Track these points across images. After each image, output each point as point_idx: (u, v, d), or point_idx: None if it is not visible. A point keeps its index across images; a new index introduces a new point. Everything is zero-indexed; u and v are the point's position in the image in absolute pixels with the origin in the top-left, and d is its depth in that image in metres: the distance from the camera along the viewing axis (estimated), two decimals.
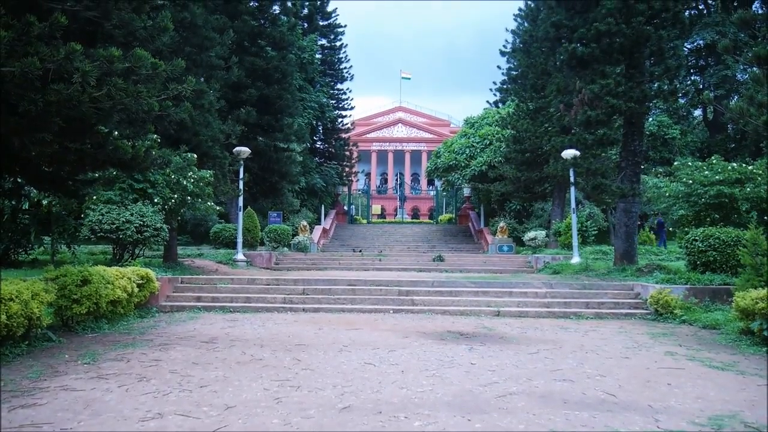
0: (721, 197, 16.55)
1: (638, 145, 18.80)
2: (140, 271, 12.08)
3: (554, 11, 19.63)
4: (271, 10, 28.47)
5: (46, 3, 8.10)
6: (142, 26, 8.93)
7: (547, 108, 26.65)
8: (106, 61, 7.86)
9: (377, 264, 23.62)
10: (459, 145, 36.08)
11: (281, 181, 28.95)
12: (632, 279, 15.74)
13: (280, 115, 27.91)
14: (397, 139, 77.28)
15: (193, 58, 17.48)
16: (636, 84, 17.59)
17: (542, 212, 30.91)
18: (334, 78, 45.79)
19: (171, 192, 16.61)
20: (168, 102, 9.49)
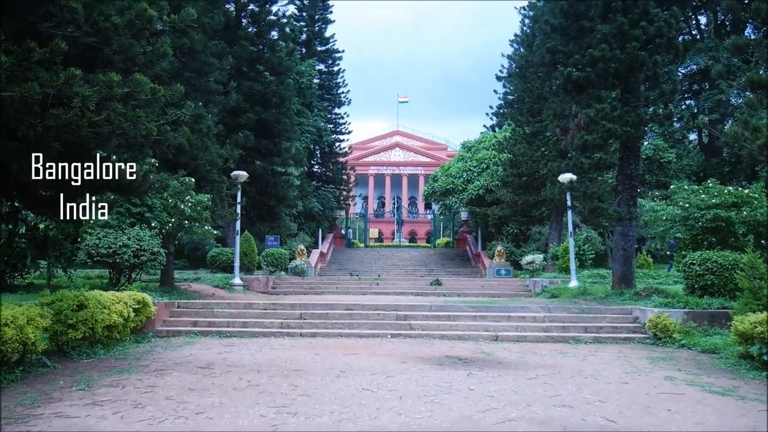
0: (718, 221, 16.57)
1: (634, 169, 18.88)
2: (137, 296, 12.02)
3: (550, 37, 19.86)
4: (270, 36, 28.74)
5: (47, 29, 8.17)
6: (142, 52, 9.00)
7: (544, 132, 26.81)
8: (106, 86, 7.91)
9: (375, 288, 23.54)
10: (456, 169, 36.20)
11: (279, 204, 28.97)
12: (630, 303, 15.70)
13: (278, 139, 28.03)
14: (395, 162, 77.53)
15: (192, 83, 17.60)
16: (631, 108, 17.71)
17: (539, 236, 30.92)
18: (331, 102, 46.10)
19: (168, 216, 16.59)
20: (166, 126, 9.53)
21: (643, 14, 17.31)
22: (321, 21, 45.53)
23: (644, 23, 17.18)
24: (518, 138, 29.51)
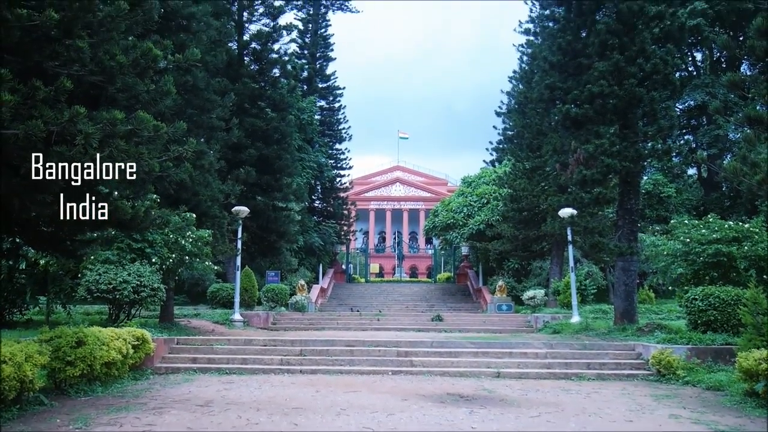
0: (720, 256, 16.53)
1: (634, 204, 18.94)
2: (136, 332, 11.94)
3: (548, 74, 20.10)
4: (272, 74, 29.10)
5: (53, 68, 8.30)
6: (146, 90, 9.13)
7: (543, 167, 26.94)
8: (109, 124, 8.00)
9: (375, 324, 23.39)
10: (457, 204, 36.29)
11: (279, 240, 28.97)
12: (633, 339, 15.58)
13: (279, 175, 28.17)
14: (395, 198, 77.74)
15: (195, 119, 17.78)
16: (630, 144, 17.86)
17: (540, 271, 30.83)
18: (332, 138, 46.47)
19: (169, 252, 16.59)
20: (169, 163, 9.62)
21: (639, 52, 17.58)
22: (322, 59, 46.22)
23: (641, 60, 17.44)
24: (518, 173, 29.66)
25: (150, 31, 10.55)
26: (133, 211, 9.76)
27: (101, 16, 8.28)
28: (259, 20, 28.73)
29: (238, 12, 28.03)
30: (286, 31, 29.34)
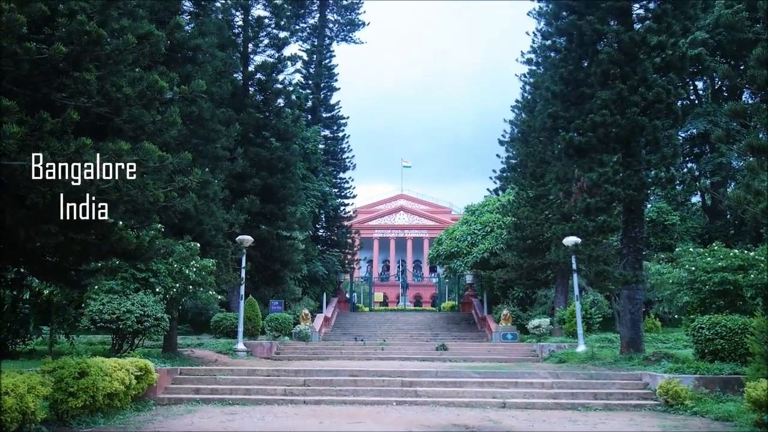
0: (726, 284, 16.44)
1: (639, 232, 18.91)
2: (139, 363, 11.88)
3: (550, 103, 20.24)
4: (276, 104, 29.36)
5: (60, 99, 8.42)
6: (152, 121, 9.22)
7: (547, 195, 26.97)
8: (115, 155, 8.07)
9: (380, 353, 23.22)
10: (460, 232, 36.26)
11: (283, 269, 28.92)
12: (640, 368, 15.43)
13: (283, 204, 28.24)
14: (399, 226, 77.77)
15: (200, 149, 17.90)
16: (633, 172, 17.89)
17: (545, 299, 30.65)
18: (336, 167, 46.67)
19: (173, 281, 16.57)
20: (173, 193, 9.67)
21: (641, 81, 17.72)
22: (326, 88, 46.66)
23: (643, 89, 17.56)
24: (522, 201, 29.68)
25: (156, 63, 10.71)
26: (137, 241, 9.79)
27: (109, 49, 8.41)
28: (264, 51, 29.10)
29: (243, 43, 28.40)
30: (291, 62, 29.69)
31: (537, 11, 23.86)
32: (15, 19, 7.33)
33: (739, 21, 14.95)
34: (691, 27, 19.87)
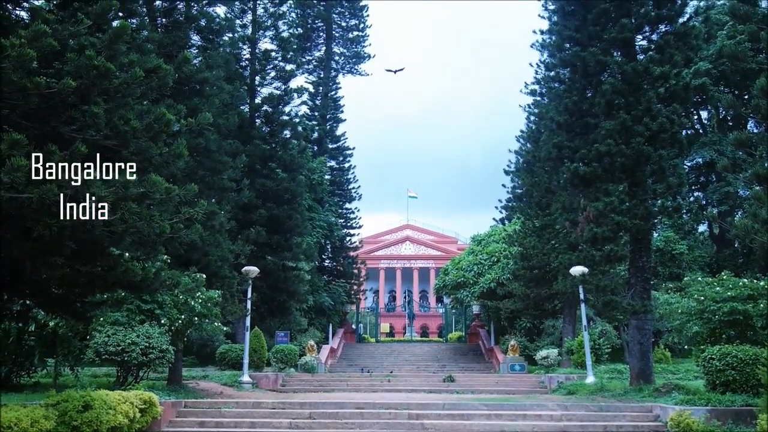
0: (735, 314, 16.24)
1: (646, 261, 18.79)
2: (143, 395, 11.79)
3: (555, 133, 20.32)
4: (283, 135, 29.58)
5: (68, 132, 8.51)
6: (159, 153, 9.30)
7: (553, 225, 26.91)
8: (122, 187, 8.13)
9: (386, 385, 22.97)
10: (467, 262, 36.13)
11: (289, 300, 28.83)
12: (650, 400, 15.20)
13: (289, 235, 28.27)
14: (405, 256, 77.59)
15: (206, 180, 18.01)
16: (639, 201, 17.86)
17: (553, 330, 30.38)
18: (342, 198, 46.80)
19: (178, 313, 16.51)
20: (179, 224, 9.70)
21: (645, 111, 17.79)
22: (332, 120, 47.02)
23: (647, 119, 17.61)
24: (528, 231, 29.62)
25: (164, 96, 10.85)
26: (143, 273, 9.81)
27: (117, 83, 8.53)
28: (271, 83, 29.44)
29: (250, 76, 28.75)
30: (297, 94, 30.02)
31: (540, 43, 24.10)
32: (25, 54, 7.45)
33: (741, 51, 15.03)
34: (693, 57, 20.02)
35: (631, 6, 18.90)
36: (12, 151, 7.41)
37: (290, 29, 35.02)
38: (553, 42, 21.18)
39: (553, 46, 21.29)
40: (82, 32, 8.56)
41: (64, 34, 8.35)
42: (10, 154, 7.38)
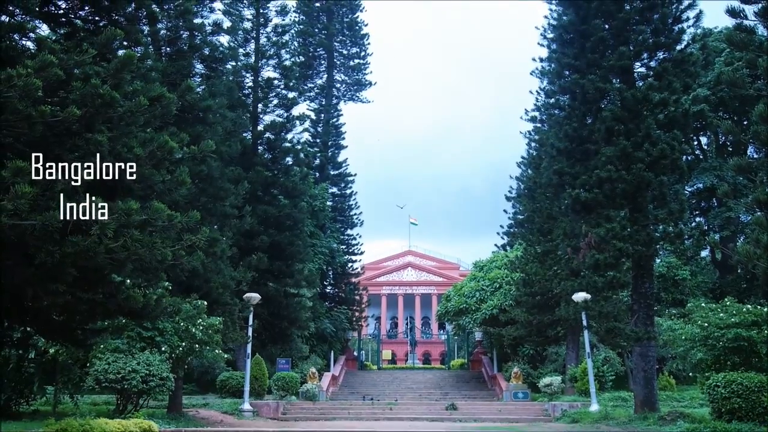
0: (740, 341, 16.15)
1: (649, 287, 18.74)
2: (143, 424, 11.70)
3: (556, 159, 20.40)
4: (285, 162, 29.74)
5: (72, 160, 8.56)
6: (161, 180, 9.35)
7: (555, 251, 26.86)
8: (124, 214, 8.16)
9: (388, 413, 22.75)
10: (469, 288, 36.00)
11: (291, 327, 28.69)
12: (655, 428, 15.05)
13: (291, 261, 28.24)
14: (407, 282, 77.37)
15: (208, 207, 18.05)
16: (641, 227, 17.87)
17: (556, 356, 30.14)
18: (344, 224, 46.84)
19: (179, 340, 16.45)
20: (181, 251, 9.70)
21: (645, 137, 17.89)
22: (334, 146, 47.28)
23: (647, 146, 17.71)
24: (530, 257, 29.56)
25: (167, 124, 10.93)
26: (144, 300, 9.79)
27: (121, 111, 8.62)
28: (273, 111, 29.70)
29: (253, 104, 29.00)
30: (299, 121, 30.23)
31: (540, 71, 24.37)
32: (31, 84, 7.54)
33: (740, 78, 15.16)
34: (692, 84, 20.17)
35: (629, 34, 19.13)
36: (16, 179, 7.45)
37: (292, 57, 35.28)
38: (553, 69, 21.41)
39: (552, 73, 21.52)
40: (88, 61, 8.68)
41: (70, 64, 8.45)
42: (14, 182, 7.43)
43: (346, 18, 50.08)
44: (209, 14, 20.84)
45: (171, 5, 17.26)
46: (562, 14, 20.71)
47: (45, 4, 10.29)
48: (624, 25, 19.00)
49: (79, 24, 10.59)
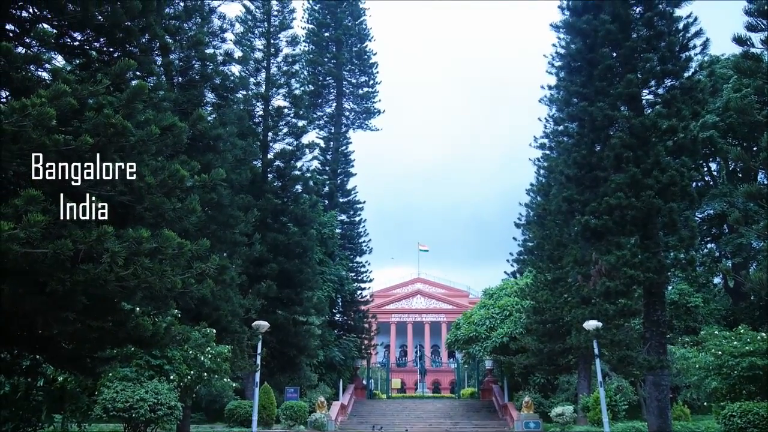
0: (755, 369, 15.93)
1: (661, 315, 18.56)
2: None
3: (565, 186, 20.40)
4: (294, 189, 29.87)
5: (84, 188, 8.64)
6: (172, 208, 9.40)
7: (565, 278, 26.72)
8: (135, 242, 8.20)
9: None
10: (479, 316, 35.77)
11: (299, 355, 28.52)
12: None
13: (300, 289, 28.19)
14: (417, 310, 76.96)
15: (218, 235, 18.11)
16: (652, 254, 17.76)
17: (568, 385, 29.76)
18: (353, 251, 46.79)
19: (188, 368, 16.38)
20: (191, 279, 9.72)
21: (654, 164, 17.89)
22: (343, 174, 47.51)
23: (657, 172, 17.70)
24: (540, 284, 29.38)
25: (178, 152, 11.03)
26: (154, 328, 9.79)
27: (133, 140, 8.71)
28: (283, 139, 29.92)
29: (263, 132, 29.26)
30: (309, 150, 30.43)
31: (548, 98, 24.51)
32: (45, 113, 7.65)
33: (748, 105, 15.20)
34: (700, 110, 20.22)
35: (637, 61, 19.25)
36: (28, 207, 7.52)
37: (302, 86, 35.73)
38: (561, 97, 21.53)
39: (560, 101, 21.65)
40: (101, 91, 8.81)
41: (84, 94, 8.57)
42: (27, 210, 7.50)
43: (355, 47, 50.71)
44: (221, 44, 21.22)
45: (184, 36, 17.53)
46: (570, 43, 20.89)
47: (61, 36, 10.49)
48: (631, 53, 19.14)
49: (93, 55, 10.77)
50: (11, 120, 7.59)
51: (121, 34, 10.53)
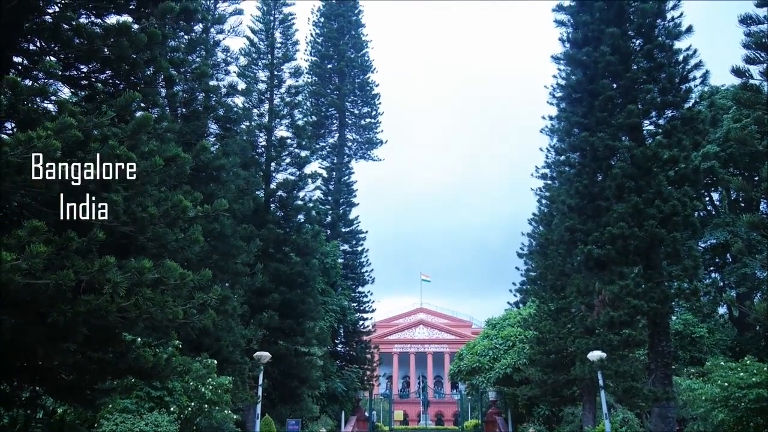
0: (762, 401, 15.71)
1: (666, 346, 18.40)
2: None
3: (567, 216, 20.42)
4: (297, 219, 29.89)
5: (86, 219, 8.67)
6: (175, 239, 9.42)
7: (569, 308, 26.54)
8: (137, 273, 8.20)
9: None
10: (482, 347, 35.50)
11: (301, 386, 28.23)
12: None
13: (302, 319, 28.02)
14: (419, 341, 76.43)
15: (220, 265, 18.08)
16: (655, 284, 17.70)
17: (573, 417, 29.36)
18: (355, 281, 46.66)
19: (188, 400, 16.21)
20: (193, 310, 9.69)
21: (656, 194, 17.93)
22: (345, 204, 47.63)
23: (659, 202, 17.73)
24: (543, 315, 29.17)
25: (181, 182, 11.09)
26: (154, 360, 9.73)
27: (137, 171, 8.76)
28: (286, 169, 30.01)
29: (266, 162, 29.39)
30: (311, 180, 30.52)
31: (549, 128, 24.65)
32: (51, 145, 7.72)
33: (748, 135, 15.28)
34: (701, 141, 20.34)
35: (637, 92, 19.43)
36: (31, 238, 7.54)
37: (305, 117, 36.06)
38: (562, 127, 21.68)
39: (562, 131, 21.78)
40: (106, 123, 8.89)
41: (89, 126, 8.66)
42: (30, 241, 7.51)
43: (358, 79, 51.29)
44: (224, 76, 21.49)
45: (188, 68, 17.74)
46: (571, 74, 21.12)
47: (67, 68, 10.64)
48: (632, 84, 19.32)
49: (99, 87, 10.90)
50: (16, 152, 7.65)
51: (126, 66, 10.67)
